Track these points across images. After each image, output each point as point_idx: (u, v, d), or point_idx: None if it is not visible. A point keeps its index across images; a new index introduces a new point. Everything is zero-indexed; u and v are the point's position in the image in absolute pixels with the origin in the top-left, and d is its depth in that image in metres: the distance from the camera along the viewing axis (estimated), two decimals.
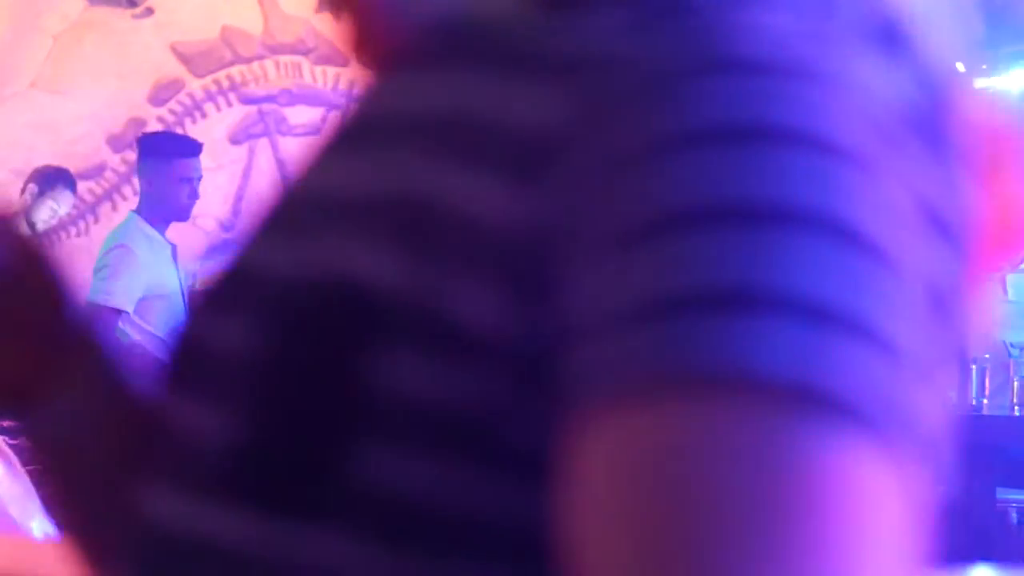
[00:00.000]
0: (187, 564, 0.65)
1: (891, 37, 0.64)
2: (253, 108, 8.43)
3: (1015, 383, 5.42)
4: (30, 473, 2.13)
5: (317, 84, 8.50)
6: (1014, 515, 5.64)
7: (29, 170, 6.60)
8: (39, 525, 1.71)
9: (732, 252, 0.57)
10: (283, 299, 0.66)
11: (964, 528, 5.40)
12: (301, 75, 8.49)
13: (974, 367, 5.50)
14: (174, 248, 5.51)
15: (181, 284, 5.43)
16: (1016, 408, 5.41)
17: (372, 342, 0.62)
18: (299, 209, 0.71)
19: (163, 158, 5.51)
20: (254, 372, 0.66)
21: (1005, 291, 6.04)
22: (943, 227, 0.62)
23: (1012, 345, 5.63)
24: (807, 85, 0.60)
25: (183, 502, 0.66)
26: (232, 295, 0.71)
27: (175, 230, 8.35)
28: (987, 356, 5.57)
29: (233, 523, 0.64)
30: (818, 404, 0.55)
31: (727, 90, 0.60)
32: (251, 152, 8.41)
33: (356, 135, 0.72)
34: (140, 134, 8.23)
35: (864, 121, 0.60)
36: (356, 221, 0.65)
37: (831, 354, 0.56)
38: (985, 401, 5.42)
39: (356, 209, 0.66)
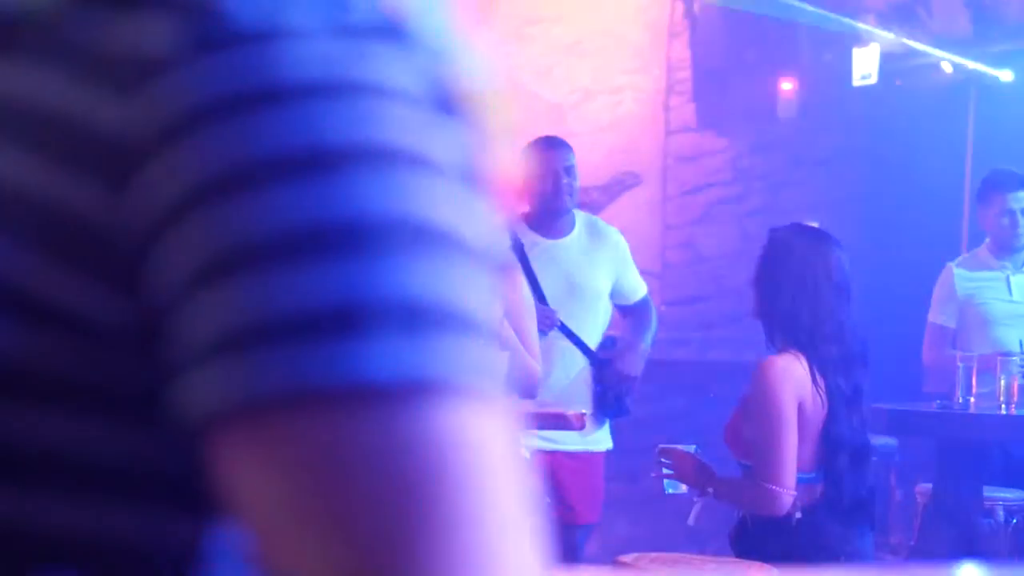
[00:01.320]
0: None
1: (397, 32, 0.69)
2: None
3: (1002, 382, 5.43)
4: None
5: None
6: (1001, 513, 5.65)
7: None
8: None
9: (328, 274, 0.62)
10: None
11: (952, 526, 5.42)
12: None
13: (961, 366, 5.51)
14: None
15: None
16: (1003, 407, 5.42)
17: None
18: None
19: None
20: None
21: (1010, 291, 6.04)
22: (482, 189, 0.69)
23: None
24: (355, 99, 0.65)
25: None
26: None
27: None
28: (974, 355, 5.58)
29: None
30: (432, 391, 0.63)
31: (287, 118, 0.64)
32: None
33: None
34: None
35: (407, 116, 0.66)
36: None
37: (430, 344, 0.63)
38: (972, 400, 5.43)
39: None
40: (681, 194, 8.51)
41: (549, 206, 5.30)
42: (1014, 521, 5.67)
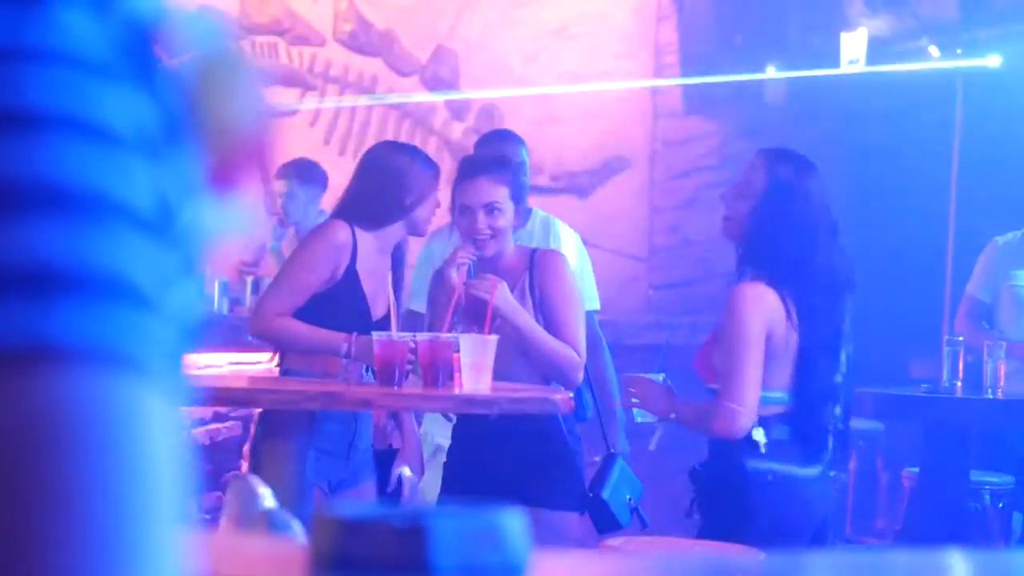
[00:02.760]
0: None
1: None
2: None
3: (988, 366, 5.44)
4: None
5: (293, 64, 8.49)
6: (987, 497, 5.67)
7: None
8: None
9: None
10: None
11: (938, 510, 5.43)
12: (277, 55, 8.48)
13: (947, 349, 5.52)
14: None
15: None
16: (989, 391, 5.43)
17: None
18: None
19: None
20: None
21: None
22: (166, 148, 0.67)
23: None
24: (14, 63, 0.63)
25: None
26: None
27: None
28: (960, 339, 5.59)
29: None
30: (54, 357, 0.60)
31: None
32: None
33: None
34: None
35: (72, 79, 0.64)
36: None
37: (55, 310, 0.61)
38: (959, 384, 5.44)
39: None
40: (669, 179, 8.52)
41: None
42: (1000, 505, 5.69)
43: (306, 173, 7.05)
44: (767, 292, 4.00)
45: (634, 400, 4.28)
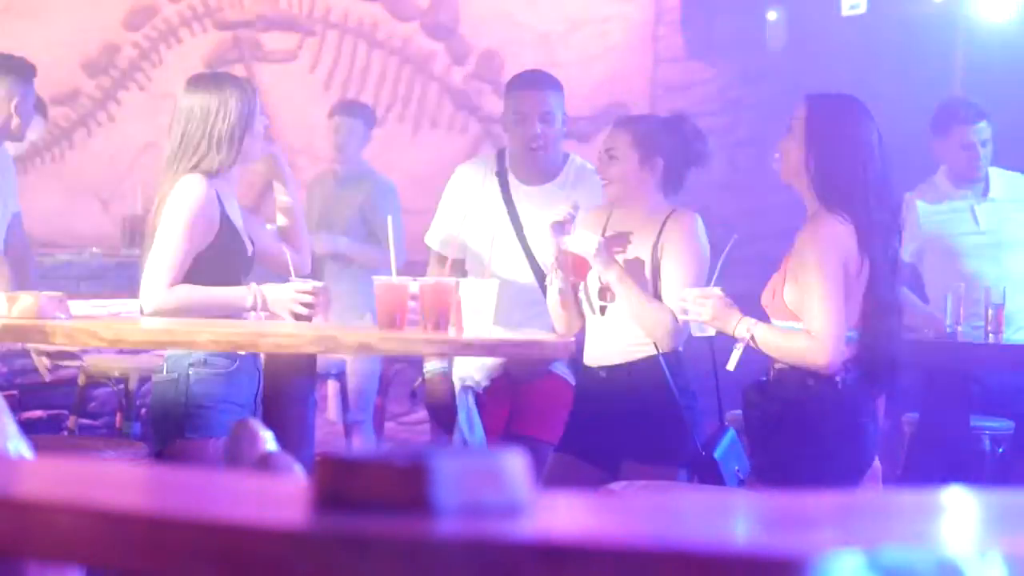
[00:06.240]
0: None
1: None
2: (228, 34, 8.38)
3: (989, 311, 5.43)
4: (6, 396, 2.13)
5: (292, 10, 8.45)
6: (987, 442, 5.68)
7: None
8: (14, 445, 1.72)
9: None
10: None
11: (938, 455, 5.43)
12: (277, 1, 8.44)
13: (949, 295, 5.51)
14: None
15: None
16: (990, 335, 5.43)
17: None
18: None
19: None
20: None
21: (976, 222, 6.01)
22: None
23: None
24: None
25: None
26: None
27: (150, 156, 8.31)
28: (961, 284, 5.58)
29: None
30: None
31: None
32: None
33: None
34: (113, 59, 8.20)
35: None
36: None
37: None
38: (960, 328, 5.44)
39: None
40: None
41: (524, 150, 4.97)
42: (1000, 450, 5.70)
43: (358, 111, 7.15)
44: (840, 226, 4.00)
45: (690, 313, 4.20)
